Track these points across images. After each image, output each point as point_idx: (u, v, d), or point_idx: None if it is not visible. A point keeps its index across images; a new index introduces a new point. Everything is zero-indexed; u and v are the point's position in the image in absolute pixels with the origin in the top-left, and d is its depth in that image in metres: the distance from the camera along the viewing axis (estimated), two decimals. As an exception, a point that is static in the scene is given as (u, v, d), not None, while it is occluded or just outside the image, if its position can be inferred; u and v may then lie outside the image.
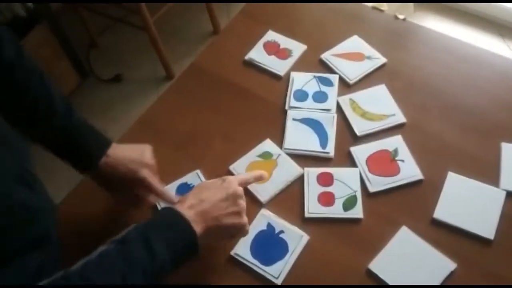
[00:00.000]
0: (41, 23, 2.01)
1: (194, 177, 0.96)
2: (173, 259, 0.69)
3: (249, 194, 0.92)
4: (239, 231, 0.79)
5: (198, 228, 0.72)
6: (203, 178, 0.96)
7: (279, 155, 0.97)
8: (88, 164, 0.84)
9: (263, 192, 0.92)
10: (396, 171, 0.92)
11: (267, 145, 0.99)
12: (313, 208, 0.89)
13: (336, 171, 0.94)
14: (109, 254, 0.66)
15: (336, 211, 0.89)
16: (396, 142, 0.96)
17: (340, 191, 0.91)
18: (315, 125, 1.00)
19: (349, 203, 0.89)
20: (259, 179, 0.88)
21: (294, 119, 1.02)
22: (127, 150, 0.87)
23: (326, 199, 0.90)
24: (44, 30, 2.03)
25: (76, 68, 2.25)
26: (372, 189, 0.90)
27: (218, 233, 0.77)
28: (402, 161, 0.93)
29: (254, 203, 0.92)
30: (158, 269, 0.67)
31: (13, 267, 0.61)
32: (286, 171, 0.95)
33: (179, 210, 0.73)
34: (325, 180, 0.93)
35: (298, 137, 0.98)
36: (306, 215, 0.89)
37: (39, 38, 2.01)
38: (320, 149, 0.97)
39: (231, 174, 0.96)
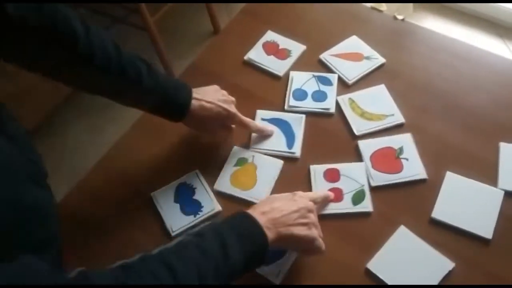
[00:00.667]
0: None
1: (193, 177, 0.96)
2: (244, 261, 0.69)
3: (245, 203, 0.92)
4: (310, 244, 0.78)
5: (270, 234, 0.72)
6: (202, 178, 0.96)
7: (253, 156, 0.97)
8: (180, 114, 0.91)
9: (258, 195, 0.92)
10: (399, 168, 0.92)
11: (237, 152, 0.99)
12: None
13: (342, 167, 0.94)
14: (186, 245, 0.67)
15: (345, 206, 0.89)
16: (403, 140, 0.96)
17: (347, 186, 0.91)
18: (283, 126, 1.01)
19: (357, 198, 0.90)
20: (326, 199, 0.89)
21: (262, 119, 1.02)
22: (209, 92, 0.95)
23: (335, 195, 0.91)
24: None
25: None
26: (373, 183, 0.91)
27: (288, 243, 0.77)
28: (406, 159, 0.94)
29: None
30: (229, 269, 0.67)
31: None
32: (268, 168, 0.95)
33: (252, 215, 0.73)
34: (332, 176, 0.93)
35: (265, 137, 0.99)
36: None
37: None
38: (286, 149, 0.97)
39: (220, 193, 0.95)
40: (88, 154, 1.99)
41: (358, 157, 0.95)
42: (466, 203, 0.88)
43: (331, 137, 0.99)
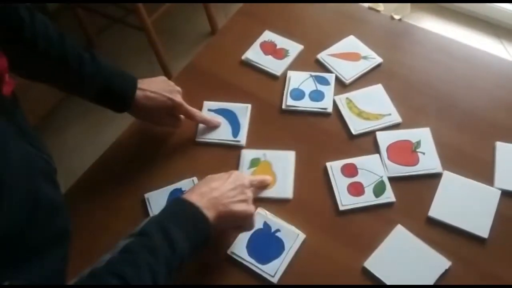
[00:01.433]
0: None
1: (189, 185, 0.95)
2: (190, 247, 0.72)
3: (274, 201, 0.92)
4: (247, 220, 0.82)
5: (210, 214, 0.75)
6: None
7: (264, 154, 0.98)
8: (124, 103, 0.91)
9: (283, 189, 0.93)
10: (415, 161, 0.93)
11: (246, 154, 0.99)
12: (345, 200, 0.90)
13: (358, 161, 0.95)
14: (132, 248, 0.68)
15: (368, 199, 0.90)
16: (421, 134, 0.97)
17: (367, 179, 0.92)
18: (229, 115, 1.04)
19: (378, 189, 0.91)
20: (263, 183, 0.92)
21: (209, 110, 1.05)
22: (154, 82, 0.95)
23: (356, 189, 0.91)
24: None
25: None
26: (388, 174, 0.92)
27: (228, 220, 0.79)
28: (423, 153, 0.94)
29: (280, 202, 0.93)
30: (178, 258, 0.70)
31: (39, 261, 0.62)
32: (283, 161, 0.96)
33: (189, 199, 0.76)
34: (350, 171, 0.94)
35: (212, 127, 1.02)
36: (341, 208, 0.89)
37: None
38: (231, 138, 1.00)
39: None
40: (86, 154, 1.99)
41: (357, 156, 0.96)
42: (463, 202, 0.88)
43: (329, 136, 1.00)
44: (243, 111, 1.04)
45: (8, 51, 0.80)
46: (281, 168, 0.96)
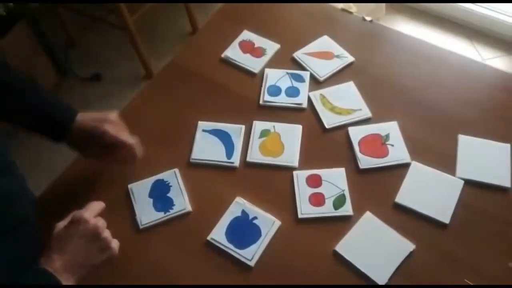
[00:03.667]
0: (21, 22, 2.03)
1: (171, 175, 1.00)
2: None
3: (279, 168, 0.99)
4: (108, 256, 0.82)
5: (68, 281, 0.75)
6: (179, 178, 0.99)
7: (274, 126, 1.05)
8: (61, 133, 0.91)
9: (289, 159, 1.00)
10: (385, 153, 0.99)
11: (257, 125, 1.06)
12: (305, 209, 0.94)
13: (323, 173, 0.98)
14: None
15: (327, 210, 0.93)
16: (389, 127, 1.03)
17: (329, 191, 0.96)
18: (223, 136, 1.05)
19: (338, 202, 0.94)
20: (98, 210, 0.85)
21: (203, 130, 1.06)
22: (92, 113, 0.93)
23: (317, 199, 0.95)
24: (23, 29, 2.05)
25: (55, 67, 2.27)
26: (361, 166, 0.98)
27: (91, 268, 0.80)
28: (392, 145, 1.00)
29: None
30: None
31: None
32: (290, 133, 1.04)
33: (50, 271, 0.74)
34: (314, 181, 0.97)
35: (206, 148, 1.03)
36: (300, 216, 0.93)
37: (19, 37, 2.03)
38: (225, 159, 1.02)
39: (253, 164, 1.01)
40: (68, 152, 2.01)
41: (330, 149, 1.02)
42: (427, 190, 0.94)
43: (304, 130, 1.05)
44: (237, 132, 1.05)
45: None
46: (289, 140, 1.03)
